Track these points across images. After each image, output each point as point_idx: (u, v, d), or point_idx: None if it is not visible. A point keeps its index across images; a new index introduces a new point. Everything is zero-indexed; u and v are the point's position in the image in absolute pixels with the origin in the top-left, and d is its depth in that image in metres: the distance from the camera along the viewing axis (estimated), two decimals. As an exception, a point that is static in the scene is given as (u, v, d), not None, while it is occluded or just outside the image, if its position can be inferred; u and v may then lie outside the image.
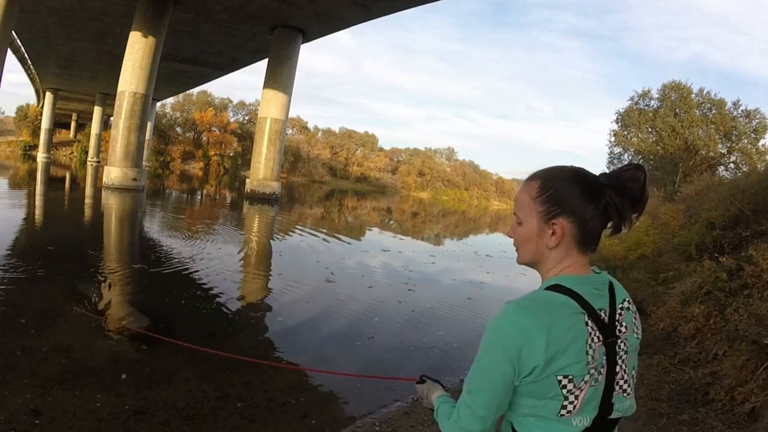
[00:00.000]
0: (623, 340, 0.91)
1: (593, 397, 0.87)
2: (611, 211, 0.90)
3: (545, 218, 0.92)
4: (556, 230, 0.91)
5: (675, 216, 7.92)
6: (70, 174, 29.92)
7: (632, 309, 0.95)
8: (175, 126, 55.81)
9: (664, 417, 2.99)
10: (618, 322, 0.91)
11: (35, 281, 5.24)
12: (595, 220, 0.90)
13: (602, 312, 0.89)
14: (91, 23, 22.14)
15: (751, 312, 3.47)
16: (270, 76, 20.57)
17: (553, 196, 0.91)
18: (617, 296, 0.93)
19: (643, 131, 17.22)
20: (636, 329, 0.94)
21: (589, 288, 0.89)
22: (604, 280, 0.93)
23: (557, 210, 0.91)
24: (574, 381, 0.84)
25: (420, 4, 16.32)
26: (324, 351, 4.28)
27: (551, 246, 0.92)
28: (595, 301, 0.89)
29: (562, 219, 0.90)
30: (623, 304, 0.93)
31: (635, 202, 0.91)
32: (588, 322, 0.86)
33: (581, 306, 0.87)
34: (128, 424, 2.67)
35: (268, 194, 20.33)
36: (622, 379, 0.90)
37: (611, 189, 0.90)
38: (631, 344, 0.93)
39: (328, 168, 60.15)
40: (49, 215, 11.78)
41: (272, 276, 7.43)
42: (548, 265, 0.94)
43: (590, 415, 0.87)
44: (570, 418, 0.86)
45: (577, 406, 0.86)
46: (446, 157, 72.26)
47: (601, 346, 0.87)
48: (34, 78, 41.79)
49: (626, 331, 0.92)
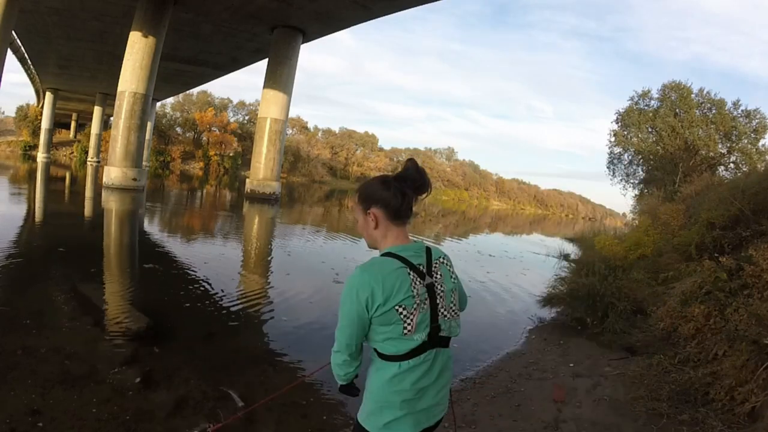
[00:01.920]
0: (439, 283, 1.38)
1: (423, 319, 1.31)
2: (397, 192, 1.35)
3: (365, 211, 1.40)
4: (372, 216, 1.38)
5: (675, 216, 7.91)
6: (70, 174, 29.91)
7: (447, 263, 1.44)
8: (175, 126, 55.84)
9: (664, 417, 2.99)
10: (434, 272, 1.37)
11: (36, 281, 5.24)
12: (393, 201, 1.35)
13: (420, 266, 1.35)
14: (91, 23, 22.15)
15: (751, 312, 3.47)
16: (270, 76, 20.57)
17: (365, 196, 1.40)
18: (433, 256, 1.39)
19: (643, 131, 17.21)
20: (451, 276, 1.43)
21: (409, 252, 1.36)
22: (421, 246, 1.40)
23: (370, 203, 1.39)
24: (407, 309, 1.29)
25: (420, 4, 16.32)
26: (328, 352, 4.26)
27: (374, 227, 1.39)
28: (415, 260, 1.35)
29: (374, 208, 1.38)
30: (438, 261, 1.40)
31: (413, 181, 1.37)
32: (410, 273, 1.32)
33: (404, 263, 1.32)
34: (128, 424, 2.67)
35: (268, 194, 20.34)
36: (443, 308, 1.36)
37: (395, 179, 1.37)
38: (447, 286, 1.40)
39: (328, 168, 60.17)
40: (49, 215, 11.77)
41: (276, 276, 7.43)
42: (379, 242, 1.40)
43: (425, 333, 1.32)
44: (411, 335, 1.30)
45: (413, 327, 1.30)
46: (446, 157, 72.31)
47: (422, 287, 1.32)
48: (34, 78, 41.79)
49: (441, 278, 1.39)
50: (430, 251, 1.40)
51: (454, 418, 2.06)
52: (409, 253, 1.35)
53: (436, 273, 1.37)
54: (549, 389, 3.62)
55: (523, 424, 3.04)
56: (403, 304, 1.28)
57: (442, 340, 1.36)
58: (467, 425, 3.00)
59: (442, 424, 2.95)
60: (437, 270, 1.38)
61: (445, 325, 1.36)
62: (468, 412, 3.18)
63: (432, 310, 1.33)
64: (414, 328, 1.29)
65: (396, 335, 1.29)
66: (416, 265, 1.33)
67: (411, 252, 1.35)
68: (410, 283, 1.29)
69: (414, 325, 1.29)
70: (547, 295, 6.18)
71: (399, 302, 1.27)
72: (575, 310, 5.42)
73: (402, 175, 1.38)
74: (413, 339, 1.30)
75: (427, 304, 1.32)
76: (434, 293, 1.34)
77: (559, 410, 3.25)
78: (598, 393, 3.52)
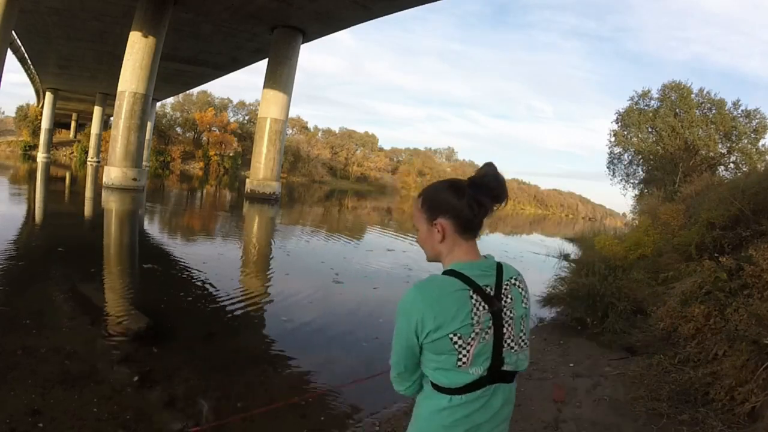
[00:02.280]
0: (509, 309, 1.16)
1: (483, 351, 1.11)
2: (472, 202, 1.16)
3: (430, 221, 1.20)
4: (438, 228, 1.18)
5: (675, 216, 7.91)
6: (70, 174, 29.92)
7: (519, 285, 1.22)
8: (175, 126, 55.80)
9: (664, 417, 2.99)
10: (504, 295, 1.16)
11: (35, 281, 5.24)
12: (465, 212, 1.17)
13: (488, 288, 1.14)
14: (91, 23, 22.13)
15: (751, 312, 3.47)
16: (270, 76, 20.56)
17: (432, 204, 1.20)
18: (504, 275, 1.19)
19: (643, 131, 17.22)
20: (524, 300, 1.21)
21: (475, 270, 1.15)
22: (492, 264, 1.20)
23: (436, 212, 1.19)
24: (462, 338, 1.09)
25: (420, 4, 16.31)
26: (329, 352, 4.28)
27: (439, 240, 1.19)
28: (482, 280, 1.14)
29: (441, 218, 1.18)
30: (510, 281, 1.19)
31: (490, 190, 1.18)
32: (472, 296, 1.11)
33: (468, 284, 1.12)
34: (128, 423, 2.67)
35: (268, 194, 20.33)
36: (509, 339, 1.15)
37: (470, 186, 1.18)
38: (518, 312, 1.18)
39: (328, 168, 60.14)
40: (48, 215, 11.77)
41: (276, 276, 7.42)
42: (444, 256, 1.21)
43: (483, 366, 1.12)
44: (466, 368, 1.11)
45: (470, 359, 1.10)
46: (446, 157, 72.30)
47: (486, 313, 1.11)
48: (34, 78, 41.77)
49: (512, 302, 1.17)
50: (501, 270, 1.20)
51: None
52: (476, 271, 1.15)
53: (505, 296, 1.17)
54: (549, 389, 3.62)
55: (523, 424, 3.04)
56: (458, 333, 1.09)
57: (505, 375, 1.16)
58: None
59: (442, 424, 2.89)
60: (508, 293, 1.18)
61: (510, 359, 1.16)
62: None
63: (496, 340, 1.13)
64: (470, 361, 1.11)
65: (449, 366, 1.11)
66: (482, 286, 1.14)
67: (478, 270, 1.16)
68: (471, 309, 1.10)
69: (470, 357, 1.10)
70: (547, 295, 6.18)
71: (454, 330, 1.09)
72: (575, 310, 5.42)
73: (478, 181, 1.18)
74: (468, 373, 1.11)
75: (490, 333, 1.12)
76: (501, 321, 1.14)
77: (559, 410, 3.25)
78: (598, 393, 3.52)
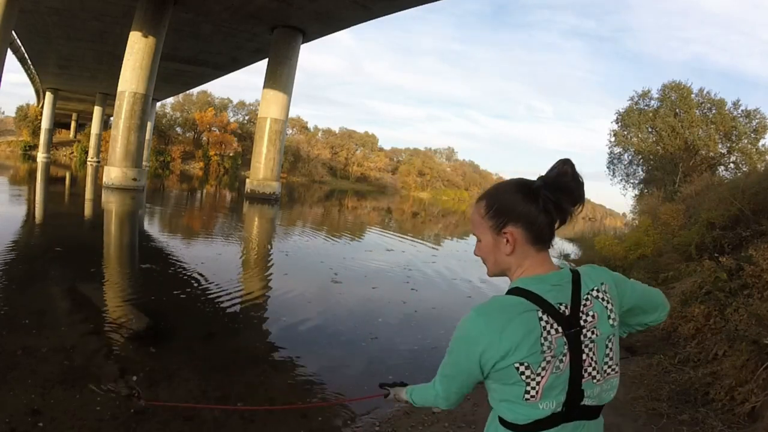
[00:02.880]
0: (590, 329, 0.95)
1: (556, 383, 0.92)
2: (550, 206, 0.96)
3: (497, 230, 1.00)
4: (508, 238, 0.98)
5: (675, 216, 7.92)
6: (70, 174, 29.92)
7: (603, 297, 0.99)
8: (175, 126, 55.81)
9: (664, 417, 2.99)
10: (583, 313, 0.95)
11: (35, 281, 5.24)
12: (539, 218, 0.97)
13: (561, 306, 0.94)
14: (91, 23, 22.14)
15: (751, 312, 3.47)
16: (270, 76, 20.57)
17: (499, 209, 0.99)
18: (582, 288, 0.97)
19: (643, 131, 17.22)
20: (610, 316, 0.98)
21: (545, 285, 0.96)
22: (566, 275, 0.98)
23: (505, 220, 0.98)
24: (531, 368, 0.91)
25: (420, 4, 16.32)
26: (327, 352, 4.28)
27: (508, 253, 0.99)
28: (554, 297, 0.94)
29: (511, 226, 0.98)
30: (591, 294, 0.97)
31: (570, 192, 0.97)
32: (542, 317, 0.92)
33: (537, 303, 0.93)
34: (128, 424, 2.67)
35: (268, 194, 20.34)
36: (590, 367, 0.95)
37: (545, 188, 0.96)
38: (602, 332, 0.96)
39: (328, 168, 60.13)
40: (49, 215, 11.77)
41: (275, 276, 7.42)
42: (512, 270, 1.01)
43: (556, 401, 0.93)
44: (535, 402, 0.92)
45: (539, 392, 0.92)
46: (446, 157, 72.26)
47: (560, 337, 0.92)
48: (34, 78, 41.78)
49: (594, 320, 0.96)
50: (578, 281, 0.98)
51: None
52: (546, 286, 0.96)
53: (585, 314, 0.95)
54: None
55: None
56: (526, 362, 0.90)
57: (586, 411, 0.95)
58: (467, 425, 3.00)
59: (442, 424, 2.96)
60: (589, 309, 0.96)
61: (591, 391, 0.95)
62: (468, 412, 3.17)
63: (573, 369, 0.93)
64: (540, 394, 0.92)
65: (514, 398, 0.93)
66: (554, 305, 0.94)
67: (549, 285, 0.96)
68: (540, 333, 0.91)
69: (540, 389, 0.91)
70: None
71: (521, 359, 0.90)
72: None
73: (555, 181, 0.97)
74: (538, 407, 0.92)
75: (565, 361, 0.92)
76: (579, 346, 0.94)
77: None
78: (598, 393, 3.52)
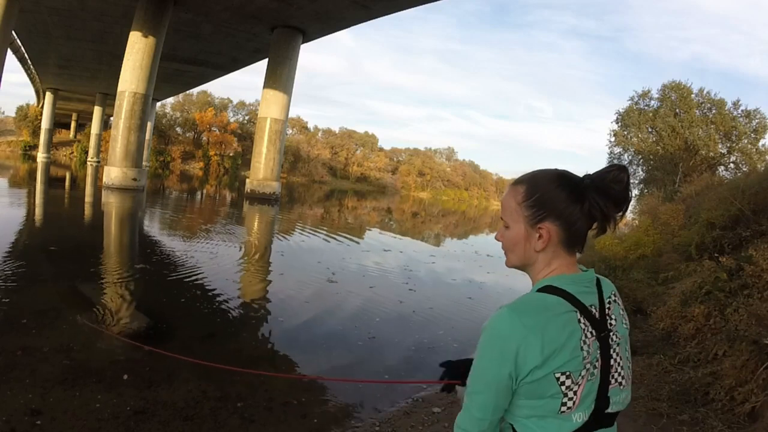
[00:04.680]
0: (614, 332, 0.92)
1: (590, 391, 0.87)
2: (596, 213, 0.90)
3: (532, 222, 0.92)
4: (542, 234, 0.91)
5: (675, 216, 7.93)
6: (70, 174, 29.91)
7: (618, 301, 0.97)
8: (175, 126, 55.81)
9: (664, 417, 2.99)
10: (608, 316, 0.92)
11: (35, 281, 5.24)
12: (580, 222, 0.91)
13: (593, 308, 0.90)
14: (91, 23, 22.13)
15: (751, 312, 3.47)
16: (270, 76, 20.57)
17: (539, 201, 0.91)
18: (604, 291, 0.95)
19: (643, 131, 17.24)
20: (624, 319, 0.97)
21: (579, 286, 0.90)
22: (591, 278, 0.95)
23: (543, 214, 0.91)
24: (572, 377, 0.84)
25: (420, 4, 16.32)
26: (325, 351, 4.28)
27: (538, 249, 0.92)
28: (586, 299, 0.90)
29: (548, 222, 0.91)
30: (611, 298, 0.95)
31: (619, 203, 0.91)
32: (581, 320, 0.87)
33: (573, 304, 0.88)
34: (128, 424, 2.67)
35: (268, 194, 20.34)
36: (617, 372, 0.91)
37: (595, 191, 0.90)
38: (621, 334, 0.94)
39: (328, 168, 60.14)
40: (49, 215, 11.77)
41: (273, 276, 7.43)
42: (537, 267, 0.94)
43: (588, 410, 0.87)
44: (570, 414, 0.86)
45: (576, 402, 0.86)
46: (446, 157, 72.23)
47: (594, 341, 0.88)
48: (34, 78, 41.77)
49: (615, 323, 0.93)
50: (600, 285, 0.95)
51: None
52: (579, 287, 0.90)
53: (610, 318, 0.92)
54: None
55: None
56: (566, 370, 0.84)
57: (606, 418, 0.90)
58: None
59: (442, 424, 2.96)
60: (611, 312, 0.93)
61: (617, 397, 0.91)
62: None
63: (603, 375, 0.88)
64: (577, 404, 0.86)
65: (547, 413, 0.86)
66: (588, 307, 0.89)
67: (582, 287, 0.91)
68: (580, 337, 0.85)
69: (578, 399, 0.86)
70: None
71: (560, 366, 0.83)
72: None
73: (606, 186, 0.90)
74: (571, 420, 0.86)
75: (598, 366, 0.88)
76: (608, 350, 0.90)
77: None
78: (598, 393, 3.52)
